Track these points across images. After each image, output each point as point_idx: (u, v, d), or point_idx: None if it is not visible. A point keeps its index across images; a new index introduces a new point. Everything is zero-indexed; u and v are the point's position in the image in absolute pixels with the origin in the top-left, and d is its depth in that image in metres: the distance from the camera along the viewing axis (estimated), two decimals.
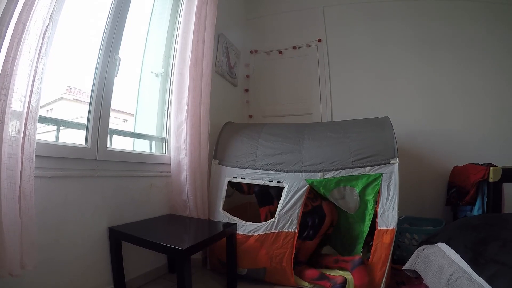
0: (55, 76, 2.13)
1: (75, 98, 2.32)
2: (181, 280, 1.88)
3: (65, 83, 2.32)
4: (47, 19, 1.56)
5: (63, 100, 2.30)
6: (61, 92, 2.32)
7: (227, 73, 3.83)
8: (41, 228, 1.72)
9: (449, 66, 3.72)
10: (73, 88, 2.35)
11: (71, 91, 2.34)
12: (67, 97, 2.32)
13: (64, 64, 2.22)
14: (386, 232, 2.42)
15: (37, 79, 1.54)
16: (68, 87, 2.33)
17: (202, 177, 2.86)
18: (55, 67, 2.06)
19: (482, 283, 1.43)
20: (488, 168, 2.74)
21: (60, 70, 2.19)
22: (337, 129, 2.87)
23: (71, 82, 2.33)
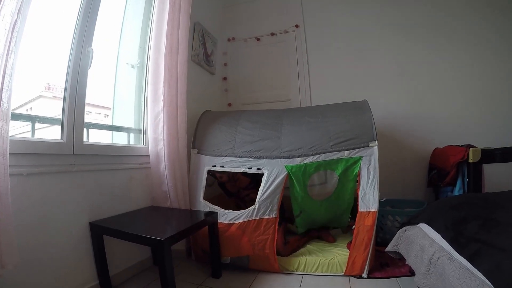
0: (33, 74, 2.10)
1: (55, 95, 2.24)
2: (163, 270, 1.87)
3: (44, 80, 2.26)
4: (16, 13, 1.51)
5: (42, 98, 2.23)
6: (40, 90, 2.25)
7: (204, 61, 3.78)
8: (21, 226, 1.70)
9: (427, 49, 3.73)
10: (52, 85, 2.28)
11: (50, 88, 2.27)
12: (46, 95, 2.25)
13: (42, 61, 2.18)
14: (367, 214, 2.43)
15: (7, 75, 1.49)
16: (47, 84, 2.27)
17: (182, 167, 2.83)
18: (33, 64, 2.03)
19: (463, 261, 1.43)
20: (467, 149, 2.76)
21: (38, 68, 2.15)
22: (316, 113, 2.86)
23: (50, 79, 2.27)
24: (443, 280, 1.49)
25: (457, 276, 1.38)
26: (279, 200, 2.57)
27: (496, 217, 1.62)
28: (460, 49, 3.62)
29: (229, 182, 3.10)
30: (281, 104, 3.88)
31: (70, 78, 2.12)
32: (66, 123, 2.11)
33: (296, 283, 2.44)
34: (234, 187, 3.08)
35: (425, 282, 1.69)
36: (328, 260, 2.54)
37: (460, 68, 3.63)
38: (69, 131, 2.10)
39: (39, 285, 1.84)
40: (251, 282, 2.47)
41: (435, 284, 1.59)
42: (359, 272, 2.44)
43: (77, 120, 2.16)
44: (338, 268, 2.50)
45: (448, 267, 1.49)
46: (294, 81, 4.20)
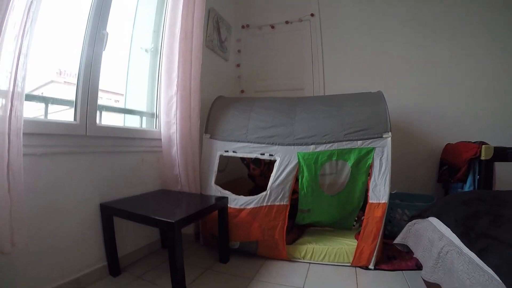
0: (45, 60, 2.10)
1: (66, 81, 2.25)
2: (172, 253, 1.89)
3: (55, 66, 2.26)
4: None
5: (54, 83, 2.24)
6: (52, 75, 2.26)
7: (218, 47, 3.77)
8: (32, 206, 1.72)
9: (444, 44, 3.68)
10: (63, 71, 2.29)
11: (61, 73, 2.28)
12: (58, 80, 2.26)
13: (54, 47, 2.17)
14: (377, 206, 2.43)
15: (22, 55, 1.50)
16: (58, 70, 2.27)
17: (193, 151, 2.84)
18: (45, 50, 2.03)
19: (472, 256, 1.43)
20: (480, 146, 2.74)
21: (50, 53, 2.15)
22: (330, 102, 2.84)
23: (62, 65, 2.27)
24: (451, 274, 1.48)
25: (465, 271, 1.38)
26: (291, 188, 2.57)
27: (507, 214, 1.61)
28: (476, 48, 3.56)
29: (260, 176, 3.16)
30: (294, 93, 3.86)
31: (84, 60, 2.13)
32: (80, 104, 2.12)
33: (303, 271, 2.45)
34: (263, 182, 3.09)
35: (433, 275, 1.69)
36: (336, 249, 2.54)
37: (476, 66, 3.57)
38: (82, 112, 2.11)
39: (48, 265, 1.87)
40: (259, 268, 2.49)
41: (442, 277, 1.59)
42: (366, 263, 2.44)
43: (90, 101, 2.17)
44: (345, 258, 2.51)
45: (457, 261, 1.48)
46: (308, 70, 4.16)
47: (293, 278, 2.32)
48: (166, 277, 2.11)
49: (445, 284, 1.54)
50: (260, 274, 2.39)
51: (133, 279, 2.26)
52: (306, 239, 2.76)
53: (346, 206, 2.70)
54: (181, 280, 1.95)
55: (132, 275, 2.32)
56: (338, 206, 2.67)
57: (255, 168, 3.17)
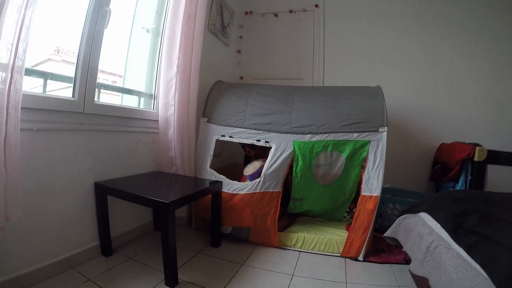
0: (43, 36, 2.04)
1: (63, 59, 2.23)
2: (165, 234, 1.90)
3: (53, 43, 2.22)
4: None
5: (51, 61, 2.21)
6: (49, 53, 2.22)
7: (220, 32, 3.74)
8: (26, 181, 1.72)
9: (444, 45, 3.68)
10: (61, 49, 2.26)
11: (59, 51, 2.25)
12: (55, 58, 2.23)
13: (52, 24, 2.12)
14: (370, 198, 2.46)
15: (25, 26, 1.48)
16: (56, 48, 2.24)
17: (190, 134, 2.84)
18: (43, 26, 1.98)
19: (460, 252, 1.45)
20: (474, 147, 2.76)
21: (48, 30, 2.10)
22: (328, 94, 2.85)
23: (60, 43, 2.23)
24: (439, 268, 1.51)
25: (453, 265, 1.40)
26: (284, 175, 2.59)
27: (496, 213, 1.63)
28: (477, 49, 3.58)
29: (255, 158, 3.14)
30: (293, 82, 3.86)
31: (85, 36, 2.11)
32: (79, 81, 2.10)
33: (293, 258, 2.48)
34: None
35: (421, 269, 1.72)
36: (326, 239, 2.57)
37: (475, 68, 3.59)
38: (81, 89, 2.10)
39: (40, 242, 1.87)
40: (250, 253, 2.52)
41: (430, 271, 1.62)
42: (356, 255, 2.48)
43: (90, 78, 2.16)
44: (335, 248, 2.54)
45: (445, 256, 1.51)
46: (308, 61, 4.16)
47: (283, 266, 2.34)
48: (158, 259, 2.12)
49: (433, 278, 1.57)
50: (250, 260, 2.42)
51: (125, 259, 2.27)
52: (298, 228, 2.79)
53: (337, 197, 2.73)
54: (173, 262, 1.95)
55: (124, 255, 2.34)
56: (329, 196, 2.70)
57: (250, 151, 3.22)
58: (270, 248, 2.64)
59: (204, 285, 2.00)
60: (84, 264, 2.13)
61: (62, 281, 1.90)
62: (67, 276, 1.96)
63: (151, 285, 1.95)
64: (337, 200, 2.76)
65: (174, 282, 1.96)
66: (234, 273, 2.18)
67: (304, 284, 2.11)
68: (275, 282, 2.11)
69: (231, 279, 2.11)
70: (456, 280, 1.33)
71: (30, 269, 1.80)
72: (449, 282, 1.37)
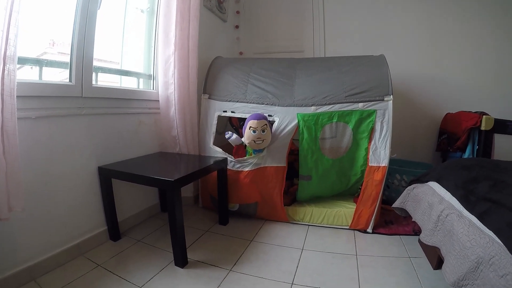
0: (36, 31, 2.00)
1: (60, 52, 2.17)
2: (172, 213, 1.89)
3: (47, 37, 2.15)
4: None
5: (47, 55, 2.15)
6: (44, 46, 2.16)
7: (216, 7, 3.64)
8: (28, 170, 1.70)
9: (449, 12, 3.56)
10: (56, 42, 2.19)
11: (54, 44, 2.18)
12: (51, 51, 2.17)
13: (45, 17, 2.06)
14: (377, 169, 2.43)
15: (14, 11, 1.43)
16: (51, 41, 2.17)
17: (192, 112, 2.81)
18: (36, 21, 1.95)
19: (472, 219, 1.43)
20: (481, 116, 2.71)
21: (41, 24, 2.04)
22: (331, 64, 2.79)
23: (54, 36, 2.16)
24: (451, 237, 1.49)
25: (466, 233, 1.38)
26: (288, 149, 2.56)
27: (507, 180, 1.61)
28: (481, 17, 3.47)
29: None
30: (294, 55, 3.70)
31: (78, 19, 2.04)
32: (75, 64, 2.05)
33: (302, 232, 2.48)
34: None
35: (432, 238, 1.70)
36: (334, 212, 2.56)
37: (480, 36, 3.49)
38: (77, 73, 2.05)
39: (48, 231, 1.87)
40: (258, 229, 2.52)
41: (442, 240, 1.60)
42: (364, 227, 2.47)
43: (86, 61, 2.10)
44: (343, 220, 2.53)
45: (457, 224, 1.49)
46: (308, 32, 4.04)
47: (292, 240, 2.35)
48: (166, 240, 2.13)
49: (445, 247, 1.55)
50: (259, 235, 2.42)
51: (133, 242, 2.28)
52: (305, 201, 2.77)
53: (348, 174, 2.67)
54: (181, 241, 1.95)
55: (132, 239, 2.34)
56: (340, 172, 2.64)
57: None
58: (278, 223, 2.64)
59: (214, 263, 2.00)
60: (93, 250, 2.14)
61: (72, 268, 1.90)
62: (77, 263, 1.97)
63: (161, 266, 1.95)
64: (348, 178, 2.70)
65: (183, 262, 1.97)
66: (243, 250, 2.19)
67: (315, 257, 2.11)
68: (286, 257, 2.11)
69: (240, 255, 2.11)
70: (469, 248, 1.30)
71: (40, 259, 1.81)
72: (462, 250, 1.35)
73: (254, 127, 2.45)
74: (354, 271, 1.92)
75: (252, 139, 2.48)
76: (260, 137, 2.46)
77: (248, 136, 2.48)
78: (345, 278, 1.85)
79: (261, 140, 2.47)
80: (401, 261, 2.05)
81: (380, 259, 2.07)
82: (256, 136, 2.45)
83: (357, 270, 1.93)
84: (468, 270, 1.25)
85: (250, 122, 2.47)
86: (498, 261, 1.14)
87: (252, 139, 2.47)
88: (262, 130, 2.45)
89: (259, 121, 2.45)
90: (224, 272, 1.90)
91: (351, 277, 1.85)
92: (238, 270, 1.93)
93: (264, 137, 2.48)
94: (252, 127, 2.45)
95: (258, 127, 2.44)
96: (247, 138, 2.50)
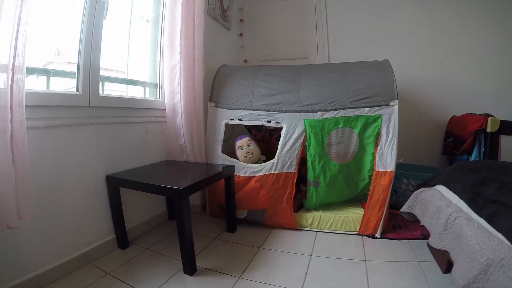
0: (42, 41, 2.02)
1: (66, 61, 2.19)
2: (181, 221, 1.89)
3: (53, 46, 2.17)
4: None
5: (52, 64, 2.17)
6: (50, 56, 2.18)
7: (220, 16, 3.68)
8: (37, 179, 1.71)
9: (452, 15, 3.57)
10: (62, 51, 2.22)
11: (59, 53, 2.21)
12: (57, 61, 2.20)
13: (51, 27, 2.09)
14: (384, 174, 2.43)
15: (22, 23, 1.45)
16: (57, 50, 2.20)
17: (198, 120, 2.82)
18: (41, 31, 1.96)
19: (481, 222, 1.43)
20: (486, 118, 2.70)
21: (47, 34, 2.06)
22: (336, 70, 2.80)
23: (60, 45, 2.18)
24: (460, 240, 1.48)
25: (475, 236, 1.38)
26: (299, 155, 2.56)
27: None
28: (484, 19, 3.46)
29: (261, 142, 3.13)
30: (299, 62, 3.74)
31: (85, 30, 2.07)
32: (82, 74, 2.07)
33: (310, 238, 2.48)
34: (263, 148, 3.08)
35: (441, 242, 1.69)
36: (342, 217, 2.55)
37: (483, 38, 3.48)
38: (84, 83, 2.07)
39: (56, 239, 1.88)
40: (266, 236, 2.52)
41: (451, 244, 1.59)
42: (373, 232, 2.46)
43: (92, 71, 2.13)
44: (352, 226, 2.53)
45: (466, 227, 1.48)
46: (312, 39, 4.07)
47: (300, 246, 2.34)
48: (174, 248, 2.12)
49: (454, 250, 1.54)
50: (267, 242, 2.42)
51: (141, 251, 2.28)
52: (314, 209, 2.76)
53: (355, 179, 2.66)
54: (190, 249, 1.95)
55: (140, 247, 2.35)
56: (347, 177, 2.63)
57: (256, 134, 3.20)
58: (286, 230, 2.64)
59: (223, 271, 2.00)
60: (102, 258, 2.14)
61: (80, 277, 1.91)
62: (85, 271, 1.97)
63: (170, 274, 1.96)
64: (356, 185, 2.69)
65: (192, 269, 1.97)
66: (252, 257, 2.19)
67: (323, 263, 2.10)
68: (294, 263, 2.10)
69: (249, 263, 2.11)
70: (478, 251, 1.30)
71: (48, 268, 1.81)
72: (471, 253, 1.34)
73: (240, 145, 2.78)
74: (363, 276, 1.91)
75: (244, 156, 2.74)
76: (248, 151, 2.76)
77: (240, 155, 2.77)
78: (354, 284, 1.84)
79: (250, 153, 2.76)
80: (410, 265, 2.04)
81: (389, 264, 2.07)
82: (244, 152, 2.75)
83: (366, 275, 1.92)
84: (478, 273, 1.24)
85: (236, 144, 2.81)
86: (508, 263, 1.13)
87: (244, 155, 2.74)
88: (247, 145, 2.78)
89: (242, 140, 2.80)
90: (233, 280, 1.90)
91: (360, 282, 1.85)
92: (247, 277, 1.93)
93: (252, 150, 2.77)
94: (239, 147, 2.78)
95: (244, 145, 2.77)
96: (240, 157, 2.78)
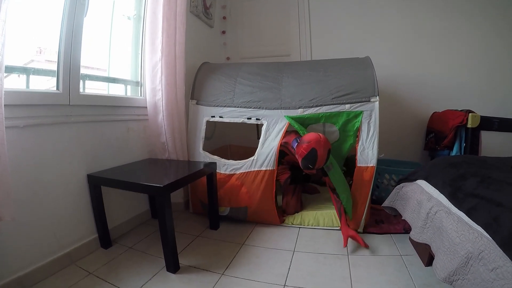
0: (23, 39, 1.99)
1: (47, 59, 2.15)
2: (163, 219, 1.88)
3: (34, 45, 2.13)
4: None
5: (34, 63, 2.13)
6: (32, 54, 2.14)
7: (202, 13, 3.66)
8: (17, 179, 1.69)
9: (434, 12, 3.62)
10: (43, 49, 2.18)
11: (41, 51, 2.17)
12: (38, 59, 2.16)
13: (31, 25, 2.05)
14: (366, 169, 2.44)
15: (1, 20, 1.42)
16: (38, 48, 2.16)
17: (180, 118, 2.81)
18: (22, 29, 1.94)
19: (461, 215, 1.45)
20: (467, 114, 2.76)
21: (27, 32, 2.03)
22: (317, 67, 2.81)
23: (41, 43, 2.15)
24: (441, 233, 1.51)
25: (455, 229, 1.40)
26: (277, 152, 2.54)
27: (493, 176, 1.63)
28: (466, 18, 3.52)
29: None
30: (281, 59, 3.72)
31: (65, 27, 2.03)
32: (62, 73, 2.03)
33: (293, 234, 2.49)
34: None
35: (422, 236, 1.72)
36: (324, 214, 2.58)
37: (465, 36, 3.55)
38: (65, 81, 2.04)
39: (38, 240, 1.85)
40: (249, 233, 2.52)
41: (431, 237, 1.62)
42: (355, 227, 2.47)
43: (73, 69, 2.09)
44: (334, 222, 2.54)
45: (446, 220, 1.51)
46: (295, 36, 4.08)
47: (284, 242, 2.35)
48: (157, 246, 2.12)
49: (435, 243, 1.57)
50: (250, 239, 2.42)
51: (124, 250, 2.26)
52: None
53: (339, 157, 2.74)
54: (173, 247, 1.94)
55: (123, 246, 2.32)
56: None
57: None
58: (269, 226, 2.64)
59: (206, 268, 2.00)
60: (84, 258, 2.12)
61: (63, 277, 1.88)
62: (68, 272, 1.95)
63: (153, 272, 1.94)
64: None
65: (175, 267, 1.96)
66: (235, 254, 2.19)
67: (306, 258, 2.11)
68: (278, 259, 2.11)
69: (232, 259, 2.11)
70: (459, 243, 1.32)
71: (31, 269, 1.78)
72: (451, 246, 1.37)
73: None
74: (346, 271, 1.93)
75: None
76: None
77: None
78: (337, 278, 1.86)
79: None
80: (393, 259, 2.06)
81: (371, 258, 2.09)
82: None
83: (349, 270, 1.94)
84: (459, 265, 1.27)
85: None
86: (488, 255, 1.16)
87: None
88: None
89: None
90: (216, 276, 1.90)
91: (343, 277, 1.86)
92: (230, 274, 1.93)
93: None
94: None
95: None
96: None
